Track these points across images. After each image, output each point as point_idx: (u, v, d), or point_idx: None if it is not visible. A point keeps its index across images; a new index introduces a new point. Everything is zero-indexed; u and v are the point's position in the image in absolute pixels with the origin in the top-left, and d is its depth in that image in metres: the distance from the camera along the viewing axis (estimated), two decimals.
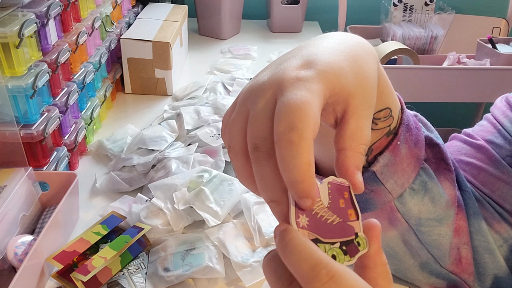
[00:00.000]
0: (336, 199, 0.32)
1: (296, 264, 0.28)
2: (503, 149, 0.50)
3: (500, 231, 0.49)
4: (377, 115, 0.40)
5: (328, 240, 0.31)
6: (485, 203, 0.50)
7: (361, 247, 0.31)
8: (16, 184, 0.59)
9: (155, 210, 0.66)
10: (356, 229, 0.31)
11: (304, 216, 0.30)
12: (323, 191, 0.31)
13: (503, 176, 0.49)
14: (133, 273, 0.58)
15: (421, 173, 0.45)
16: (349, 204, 0.32)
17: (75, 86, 0.77)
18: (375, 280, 0.30)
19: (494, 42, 1.52)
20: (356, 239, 0.31)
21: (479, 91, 1.48)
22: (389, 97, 0.40)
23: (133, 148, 0.81)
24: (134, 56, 1.03)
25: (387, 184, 0.44)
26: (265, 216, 0.65)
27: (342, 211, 0.32)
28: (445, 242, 0.49)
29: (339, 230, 0.31)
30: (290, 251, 0.28)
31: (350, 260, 0.31)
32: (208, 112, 0.89)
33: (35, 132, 0.64)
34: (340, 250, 0.31)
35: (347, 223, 0.31)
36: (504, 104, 0.53)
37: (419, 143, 0.45)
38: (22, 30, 0.60)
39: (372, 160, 0.43)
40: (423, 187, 0.46)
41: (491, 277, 0.50)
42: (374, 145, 0.42)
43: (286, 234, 0.29)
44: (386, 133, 0.42)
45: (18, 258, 0.54)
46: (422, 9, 1.66)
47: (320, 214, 0.31)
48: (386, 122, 0.41)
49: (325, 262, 0.27)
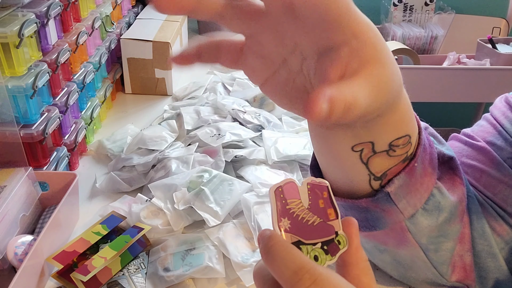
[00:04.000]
0: (315, 199, 0.32)
1: (279, 270, 0.28)
2: (504, 151, 0.49)
3: (502, 234, 0.49)
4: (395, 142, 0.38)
5: (310, 241, 0.31)
6: (487, 206, 0.50)
7: (341, 245, 0.32)
8: (16, 184, 0.59)
9: (155, 210, 0.66)
10: (336, 228, 0.32)
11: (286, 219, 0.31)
12: (303, 192, 0.32)
13: (505, 179, 0.49)
14: (133, 273, 0.58)
15: (434, 193, 0.44)
16: (329, 203, 0.33)
17: (75, 86, 0.77)
18: (358, 278, 0.30)
19: (494, 42, 1.52)
20: (337, 238, 0.32)
21: (479, 91, 1.48)
22: (409, 123, 0.39)
23: (133, 148, 0.81)
24: (134, 56, 1.03)
25: (400, 204, 0.42)
26: (265, 216, 0.65)
27: (322, 211, 0.32)
28: (452, 256, 0.48)
29: (320, 230, 0.32)
30: (273, 257, 0.29)
31: (331, 259, 0.31)
32: (208, 112, 0.89)
33: (35, 132, 0.64)
34: (322, 250, 0.31)
35: (327, 222, 0.32)
36: (504, 105, 0.52)
37: (433, 161, 0.43)
38: (22, 30, 0.60)
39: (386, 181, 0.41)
40: (437, 208, 0.44)
41: (493, 281, 0.50)
42: (389, 170, 0.40)
43: (269, 240, 0.29)
44: (403, 160, 0.40)
45: (18, 258, 0.54)
46: (422, 9, 1.67)
47: (301, 216, 0.32)
48: (404, 149, 0.39)
49: (307, 266, 0.28)
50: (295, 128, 0.88)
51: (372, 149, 0.38)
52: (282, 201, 0.32)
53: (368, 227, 0.45)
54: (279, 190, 0.32)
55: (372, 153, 0.38)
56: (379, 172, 0.40)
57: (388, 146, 0.38)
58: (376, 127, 0.36)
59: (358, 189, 0.42)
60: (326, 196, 0.33)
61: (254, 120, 0.86)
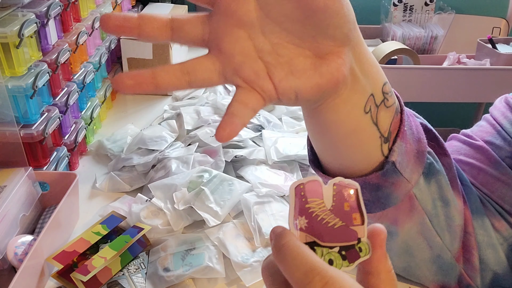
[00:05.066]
0: (340, 201, 0.31)
1: (290, 270, 0.27)
2: (502, 150, 0.50)
3: (501, 230, 0.50)
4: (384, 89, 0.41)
5: (326, 244, 0.30)
6: (485, 202, 0.51)
7: (362, 253, 0.30)
8: (16, 184, 0.59)
9: (155, 210, 0.66)
10: (360, 234, 0.30)
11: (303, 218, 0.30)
12: (327, 193, 0.30)
13: (503, 177, 0.49)
14: (133, 273, 0.58)
15: (428, 157, 0.46)
16: (355, 207, 0.30)
17: (75, 86, 0.77)
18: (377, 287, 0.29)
19: (494, 42, 1.52)
20: (358, 245, 0.30)
21: (479, 91, 1.48)
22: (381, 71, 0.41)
23: (133, 148, 0.81)
24: (134, 56, 1.03)
25: (405, 173, 0.44)
26: (265, 216, 0.65)
27: (346, 215, 0.30)
28: (454, 225, 0.49)
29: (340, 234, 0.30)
30: (284, 256, 0.28)
31: (348, 266, 0.30)
32: (208, 112, 0.89)
33: (35, 132, 0.64)
34: (339, 255, 0.30)
35: (350, 227, 0.30)
36: (503, 105, 0.53)
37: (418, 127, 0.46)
38: (22, 30, 0.60)
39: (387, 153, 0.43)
40: (433, 170, 0.46)
41: (491, 273, 0.50)
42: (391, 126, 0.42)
43: (281, 237, 0.29)
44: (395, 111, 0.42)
45: (18, 258, 0.54)
46: (422, 9, 1.66)
47: (321, 217, 0.30)
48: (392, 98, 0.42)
49: (319, 268, 0.27)
50: (295, 128, 0.88)
51: (375, 104, 0.40)
52: (302, 199, 0.30)
53: (381, 206, 0.46)
54: (300, 187, 0.30)
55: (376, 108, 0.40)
56: (386, 130, 0.42)
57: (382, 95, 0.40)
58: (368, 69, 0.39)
59: (368, 163, 0.43)
60: (353, 199, 0.30)
61: (254, 120, 0.86)
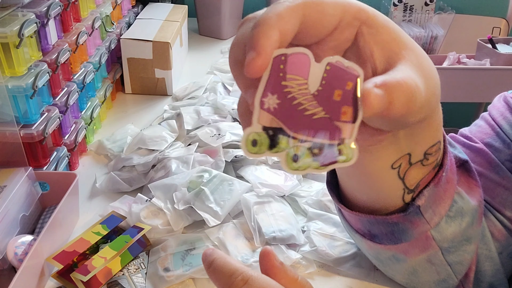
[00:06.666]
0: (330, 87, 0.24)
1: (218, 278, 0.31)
2: (502, 153, 0.49)
3: (500, 239, 0.48)
4: (430, 150, 0.38)
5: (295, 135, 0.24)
6: (486, 211, 0.49)
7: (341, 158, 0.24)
8: (16, 184, 0.59)
9: (155, 210, 0.66)
10: (345, 134, 0.24)
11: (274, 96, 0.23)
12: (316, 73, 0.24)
13: (503, 182, 0.48)
14: (133, 273, 0.58)
15: (456, 199, 0.43)
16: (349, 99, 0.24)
17: (75, 86, 0.77)
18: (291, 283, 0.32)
19: (494, 42, 1.52)
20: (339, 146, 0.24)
21: (479, 91, 1.48)
22: (440, 129, 0.38)
23: (133, 148, 0.81)
24: (134, 56, 1.03)
25: (426, 214, 0.42)
26: (265, 216, 0.65)
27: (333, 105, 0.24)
28: (469, 258, 0.47)
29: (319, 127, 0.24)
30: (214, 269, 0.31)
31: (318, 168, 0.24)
32: (208, 112, 0.89)
33: (35, 132, 0.64)
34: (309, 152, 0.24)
35: (334, 122, 0.24)
36: (502, 104, 0.51)
37: (453, 166, 0.43)
38: (22, 30, 0.60)
39: None
40: (459, 213, 0.44)
41: (487, 285, 0.49)
42: (421, 181, 0.40)
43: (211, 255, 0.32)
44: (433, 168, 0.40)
45: (18, 258, 0.54)
46: (422, 9, 1.67)
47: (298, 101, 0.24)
48: (435, 157, 0.39)
49: (240, 270, 0.30)
50: None
51: (408, 161, 0.37)
52: (280, 73, 0.23)
53: (393, 241, 0.44)
54: (281, 58, 0.24)
55: (408, 166, 0.37)
56: (413, 184, 0.39)
57: (423, 156, 0.37)
58: (418, 134, 0.35)
59: (389, 205, 0.41)
60: (349, 88, 0.24)
61: None
